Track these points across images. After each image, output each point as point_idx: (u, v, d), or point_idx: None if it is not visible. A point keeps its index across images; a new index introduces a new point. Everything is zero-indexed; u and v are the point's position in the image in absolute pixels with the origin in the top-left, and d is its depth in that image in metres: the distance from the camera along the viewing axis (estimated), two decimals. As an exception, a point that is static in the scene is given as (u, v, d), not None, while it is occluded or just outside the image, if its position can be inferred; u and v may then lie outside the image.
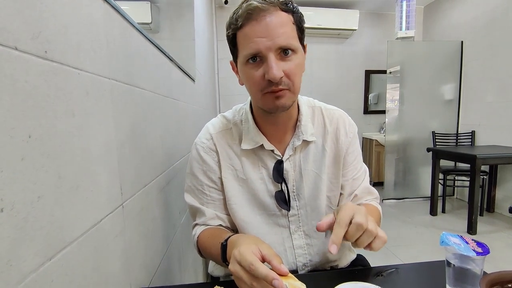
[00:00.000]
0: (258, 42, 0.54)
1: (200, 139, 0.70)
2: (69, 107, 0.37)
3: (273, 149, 0.67)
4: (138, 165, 0.62)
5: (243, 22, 0.55)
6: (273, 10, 0.54)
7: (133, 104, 0.60)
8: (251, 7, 0.53)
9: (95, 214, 0.42)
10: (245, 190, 0.68)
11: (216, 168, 0.68)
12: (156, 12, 1.01)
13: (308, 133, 0.68)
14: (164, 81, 0.88)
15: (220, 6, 3.34)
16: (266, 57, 0.55)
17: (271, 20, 0.54)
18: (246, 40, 0.56)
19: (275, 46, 0.54)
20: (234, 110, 0.74)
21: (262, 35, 0.54)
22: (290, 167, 0.68)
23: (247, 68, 0.58)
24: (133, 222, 0.58)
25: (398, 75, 3.29)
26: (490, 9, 2.85)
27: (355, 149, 0.73)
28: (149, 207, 0.69)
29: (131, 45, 0.61)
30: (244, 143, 0.67)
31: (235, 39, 0.59)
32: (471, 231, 2.34)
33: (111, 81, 0.50)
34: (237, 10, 0.57)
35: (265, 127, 0.68)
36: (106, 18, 0.49)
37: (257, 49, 0.55)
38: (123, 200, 0.53)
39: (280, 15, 0.55)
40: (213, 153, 0.68)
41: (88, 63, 0.42)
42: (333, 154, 0.71)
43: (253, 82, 0.58)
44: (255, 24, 0.54)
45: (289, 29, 0.56)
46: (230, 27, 0.59)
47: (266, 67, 0.55)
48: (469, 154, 2.32)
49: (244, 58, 0.57)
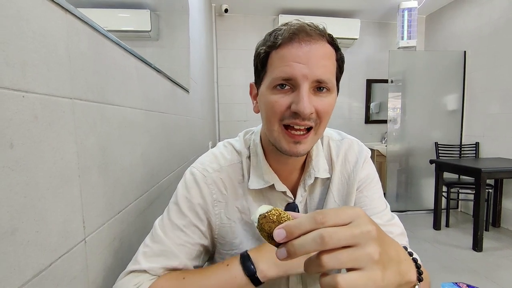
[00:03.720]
0: (295, 67, 0.46)
1: (203, 166, 0.58)
2: (5, 138, 0.31)
3: (285, 191, 0.57)
4: (110, 190, 0.56)
5: (283, 41, 0.47)
6: (319, 39, 0.48)
7: (104, 124, 0.55)
8: (298, 27, 0.47)
9: (42, 259, 0.36)
10: (249, 235, 0.58)
11: (210, 207, 0.56)
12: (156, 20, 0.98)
13: (320, 169, 0.59)
14: (148, 94, 0.82)
15: (220, 15, 3.33)
16: (298, 86, 0.47)
17: (316, 48, 0.47)
18: (281, 62, 0.48)
19: (313, 76, 0.47)
20: (241, 140, 0.64)
21: (302, 61, 0.46)
22: (301, 209, 0.59)
23: (272, 93, 0.49)
24: (101, 257, 0.52)
25: (400, 84, 3.24)
26: (493, 19, 2.81)
27: (370, 188, 0.60)
28: (125, 235, 0.63)
29: (104, 59, 0.56)
30: (252, 182, 0.57)
31: (267, 59, 0.50)
32: (477, 248, 2.25)
33: (73, 100, 0.44)
34: (279, 29, 0.49)
35: (274, 164, 0.58)
36: (70, 31, 0.44)
37: (292, 74, 0.46)
38: (86, 235, 0.47)
39: (326, 47, 0.49)
40: (215, 188, 0.57)
41: (37, 83, 0.36)
42: (340, 194, 0.60)
43: (275, 110, 0.49)
44: (297, 47, 0.47)
45: (331, 64, 0.49)
46: (265, 44, 0.51)
47: (296, 97, 0.47)
48: (474, 168, 2.25)
49: (273, 81, 0.49)
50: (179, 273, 0.50)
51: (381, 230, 0.30)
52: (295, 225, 0.29)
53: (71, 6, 0.44)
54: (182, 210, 0.54)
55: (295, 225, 0.29)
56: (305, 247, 0.27)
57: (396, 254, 0.31)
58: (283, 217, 0.32)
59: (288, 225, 0.29)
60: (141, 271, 0.49)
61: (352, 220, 0.28)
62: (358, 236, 0.27)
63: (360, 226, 0.28)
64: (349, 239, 0.27)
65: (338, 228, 0.27)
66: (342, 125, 3.74)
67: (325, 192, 0.61)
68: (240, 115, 3.54)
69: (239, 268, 0.48)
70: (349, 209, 0.29)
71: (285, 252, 0.28)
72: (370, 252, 0.27)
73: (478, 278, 1.90)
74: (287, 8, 3.36)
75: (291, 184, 0.59)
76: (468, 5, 3.09)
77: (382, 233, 0.30)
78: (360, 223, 0.28)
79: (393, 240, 0.33)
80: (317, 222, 0.28)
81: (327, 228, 0.27)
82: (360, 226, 0.28)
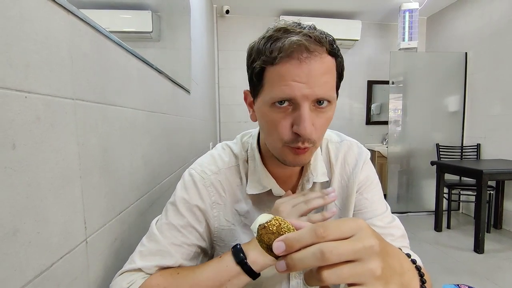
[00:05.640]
0: (294, 87, 0.44)
1: (202, 168, 0.58)
2: (7, 138, 0.31)
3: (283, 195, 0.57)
4: (111, 191, 0.56)
5: (280, 58, 0.44)
6: (319, 52, 0.44)
7: (106, 124, 0.55)
8: (297, 45, 0.42)
9: (43, 260, 0.36)
10: (249, 238, 0.57)
11: (208, 209, 0.56)
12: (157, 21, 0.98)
13: (319, 173, 0.58)
14: (150, 95, 0.83)
15: (221, 16, 3.33)
16: (299, 106, 0.45)
17: (316, 66, 0.44)
18: (279, 81, 0.45)
19: (313, 96, 0.45)
20: (239, 143, 0.63)
21: (301, 80, 0.44)
22: None
23: (272, 111, 0.47)
24: (102, 258, 0.52)
25: (401, 85, 3.23)
26: (494, 20, 2.81)
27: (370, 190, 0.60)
28: (125, 236, 0.63)
29: (106, 60, 0.56)
30: (250, 187, 0.57)
31: (263, 74, 0.47)
32: (478, 250, 2.24)
33: (75, 101, 0.44)
34: (275, 37, 0.45)
35: (272, 169, 0.58)
36: (72, 32, 0.44)
37: (292, 95, 0.44)
38: (87, 235, 0.47)
39: (326, 61, 0.46)
40: (213, 190, 0.56)
41: (40, 84, 0.36)
42: (339, 197, 0.60)
43: (277, 131, 0.48)
44: (296, 65, 0.43)
45: (331, 78, 0.47)
46: (259, 57, 0.46)
47: (298, 119, 0.45)
48: (475, 169, 2.24)
49: (271, 99, 0.46)
50: (174, 270, 0.51)
51: (384, 241, 0.29)
52: (295, 238, 0.28)
53: (73, 7, 0.44)
54: (180, 210, 0.54)
55: (295, 238, 0.28)
56: (304, 262, 0.26)
57: (399, 265, 0.30)
58: (283, 227, 0.31)
59: (288, 238, 0.28)
60: (136, 269, 0.49)
61: (354, 233, 0.27)
62: (360, 251, 0.26)
63: (362, 240, 0.27)
64: (350, 254, 0.26)
65: (339, 243, 0.26)
66: (342, 126, 3.74)
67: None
68: (241, 116, 3.54)
69: (231, 257, 0.48)
70: (351, 221, 0.28)
71: (284, 265, 0.28)
72: (372, 268, 0.26)
73: (480, 280, 1.90)
74: (288, 10, 3.37)
75: (289, 188, 0.59)
76: (469, 7, 3.08)
77: (385, 245, 0.29)
78: (362, 237, 0.27)
79: (397, 250, 0.32)
80: (317, 236, 0.27)
81: (327, 243, 0.26)
82: (363, 240, 0.27)
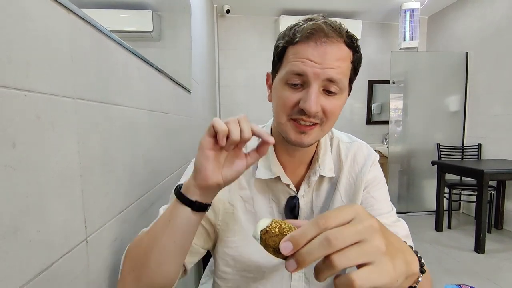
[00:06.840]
0: (307, 64, 0.48)
1: None
2: (7, 137, 0.31)
3: (289, 183, 0.60)
4: (112, 190, 0.56)
5: (300, 39, 0.49)
6: (336, 40, 0.49)
7: (107, 124, 0.55)
8: (316, 27, 0.48)
9: (43, 259, 0.36)
10: (250, 225, 0.59)
11: None
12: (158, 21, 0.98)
13: (326, 168, 0.61)
14: (150, 95, 0.82)
15: (222, 15, 3.33)
16: (309, 84, 0.49)
17: (331, 49, 0.48)
18: (295, 58, 0.50)
19: (324, 75, 0.48)
20: None
21: (316, 59, 0.48)
22: (304, 204, 0.61)
23: (284, 89, 0.52)
24: (102, 257, 0.52)
25: (402, 85, 3.23)
26: (496, 20, 2.80)
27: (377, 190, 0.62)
28: (126, 235, 0.63)
29: (107, 59, 0.56)
30: (259, 172, 0.59)
31: (284, 53, 0.53)
32: (479, 250, 2.24)
33: (76, 100, 0.44)
34: (298, 24, 0.51)
35: (281, 157, 0.61)
36: (73, 31, 0.44)
37: (304, 71, 0.48)
38: (88, 234, 0.47)
39: (342, 49, 0.50)
40: None
41: (40, 82, 0.36)
42: (347, 193, 0.62)
43: (284, 105, 0.52)
44: (313, 46, 0.48)
45: (345, 66, 0.50)
46: (283, 38, 0.53)
47: (305, 95, 0.49)
48: (476, 169, 2.24)
49: (286, 74, 0.51)
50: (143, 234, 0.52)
51: (380, 222, 0.30)
52: (300, 235, 0.28)
53: (74, 6, 0.44)
54: None
55: (300, 234, 0.28)
56: (313, 254, 0.27)
57: (399, 243, 0.32)
58: (284, 228, 0.31)
59: (293, 236, 0.29)
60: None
61: (352, 217, 0.28)
62: (362, 231, 0.27)
63: (362, 221, 0.28)
64: (354, 235, 0.27)
65: (341, 228, 0.27)
66: (343, 126, 3.73)
67: (332, 191, 0.62)
68: (241, 116, 3.54)
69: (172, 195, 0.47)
70: (348, 207, 0.29)
71: (294, 263, 0.28)
72: (377, 245, 0.27)
73: (480, 280, 1.89)
74: (288, 9, 3.36)
75: (296, 179, 0.62)
76: (470, 6, 3.08)
77: (382, 225, 0.30)
78: (361, 219, 0.28)
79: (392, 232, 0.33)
80: (320, 227, 0.28)
81: (331, 230, 0.27)
82: (362, 221, 0.28)
